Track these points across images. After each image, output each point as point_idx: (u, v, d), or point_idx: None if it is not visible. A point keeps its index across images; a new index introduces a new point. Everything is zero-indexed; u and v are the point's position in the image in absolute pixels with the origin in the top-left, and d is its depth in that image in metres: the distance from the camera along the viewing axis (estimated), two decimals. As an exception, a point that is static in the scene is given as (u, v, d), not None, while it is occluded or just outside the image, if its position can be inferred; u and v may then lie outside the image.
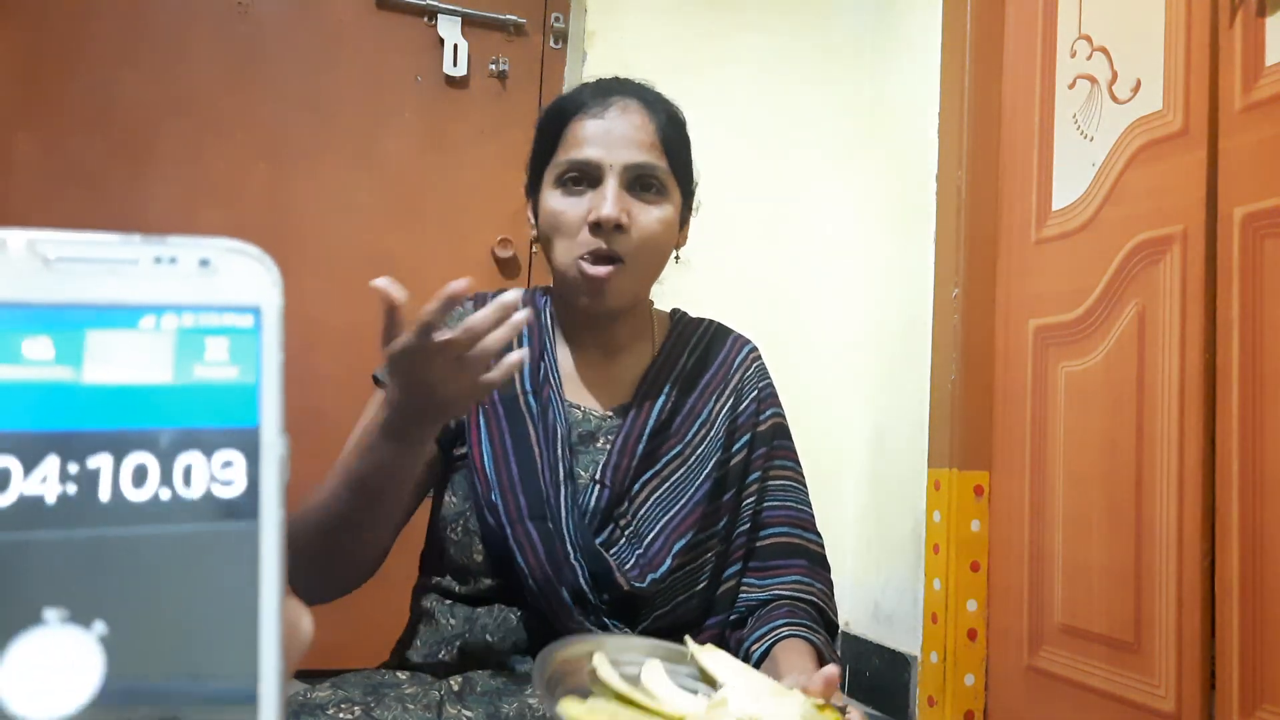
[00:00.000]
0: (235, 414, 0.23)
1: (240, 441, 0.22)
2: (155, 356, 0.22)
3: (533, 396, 0.93)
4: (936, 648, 1.90)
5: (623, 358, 0.99)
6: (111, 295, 0.22)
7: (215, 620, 0.21)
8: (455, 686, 0.81)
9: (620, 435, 0.93)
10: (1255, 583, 1.35)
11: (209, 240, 0.24)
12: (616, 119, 0.91)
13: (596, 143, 0.90)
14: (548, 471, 0.89)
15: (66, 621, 0.20)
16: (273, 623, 0.22)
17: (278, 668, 0.21)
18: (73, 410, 0.21)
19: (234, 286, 0.23)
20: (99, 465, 0.21)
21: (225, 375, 0.23)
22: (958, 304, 1.95)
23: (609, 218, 0.87)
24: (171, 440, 0.22)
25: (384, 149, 2.05)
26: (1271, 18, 1.40)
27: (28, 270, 0.22)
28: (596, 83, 0.97)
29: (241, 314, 0.23)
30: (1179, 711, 1.47)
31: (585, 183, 0.90)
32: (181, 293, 0.23)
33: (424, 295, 1.07)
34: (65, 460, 0.21)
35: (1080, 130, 1.77)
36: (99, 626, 0.20)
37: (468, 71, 2.10)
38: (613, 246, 0.89)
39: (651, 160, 0.91)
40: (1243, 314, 1.40)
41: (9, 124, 1.83)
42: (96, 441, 0.21)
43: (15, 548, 0.20)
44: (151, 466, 0.22)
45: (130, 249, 0.23)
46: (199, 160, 1.93)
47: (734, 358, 1.03)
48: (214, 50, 1.95)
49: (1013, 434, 1.86)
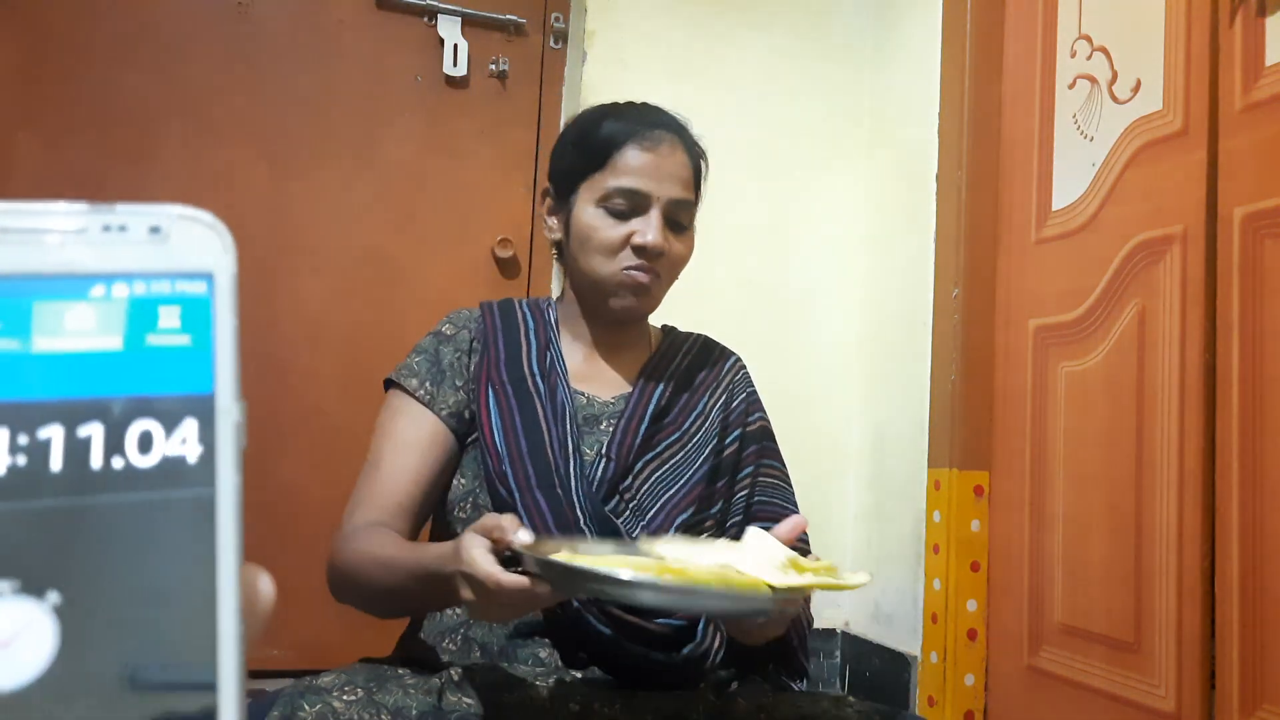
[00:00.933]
0: (189, 381, 0.22)
1: (195, 409, 0.22)
2: (106, 325, 0.22)
3: (541, 380, 0.98)
4: (936, 648, 1.90)
5: (624, 356, 1.07)
6: (60, 264, 0.22)
7: (173, 588, 0.21)
8: (456, 676, 0.82)
9: (624, 417, 0.99)
10: (1255, 583, 1.35)
11: (159, 207, 0.23)
12: (666, 156, 0.99)
13: (647, 175, 0.98)
14: (556, 445, 0.94)
15: (18, 593, 0.20)
16: (231, 588, 0.21)
17: (237, 632, 0.21)
18: (21, 381, 0.21)
19: (186, 253, 0.23)
20: (49, 435, 0.21)
21: (178, 342, 0.22)
22: (958, 304, 1.95)
23: (658, 245, 0.97)
24: (124, 409, 0.22)
25: (384, 149, 2.04)
26: (1271, 18, 1.40)
27: None
28: (636, 108, 1.04)
29: (194, 281, 0.23)
30: (1179, 711, 1.47)
31: (629, 207, 0.98)
32: (132, 260, 0.23)
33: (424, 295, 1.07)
34: (15, 431, 0.21)
35: (1080, 130, 1.77)
36: (52, 597, 0.20)
37: (468, 71, 2.10)
38: (654, 266, 0.98)
39: (688, 197, 1.01)
40: (1243, 314, 1.40)
41: (9, 124, 1.83)
42: (46, 412, 0.21)
43: None
44: (104, 435, 0.21)
45: (78, 218, 0.23)
46: (199, 160, 1.92)
47: (723, 365, 1.11)
48: (214, 50, 1.95)
49: (1013, 434, 1.86)
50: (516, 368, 0.99)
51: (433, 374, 0.99)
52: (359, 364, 1.90)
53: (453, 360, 1.00)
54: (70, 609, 0.20)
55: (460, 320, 1.05)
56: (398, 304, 1.98)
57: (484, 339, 1.02)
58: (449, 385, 0.98)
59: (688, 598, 0.66)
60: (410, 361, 1.01)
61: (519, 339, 1.02)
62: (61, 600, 0.20)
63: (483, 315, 1.05)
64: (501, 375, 0.98)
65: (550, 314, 1.07)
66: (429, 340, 1.03)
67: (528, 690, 0.82)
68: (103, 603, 0.21)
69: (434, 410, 0.97)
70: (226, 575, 0.21)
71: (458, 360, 1.00)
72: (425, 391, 0.97)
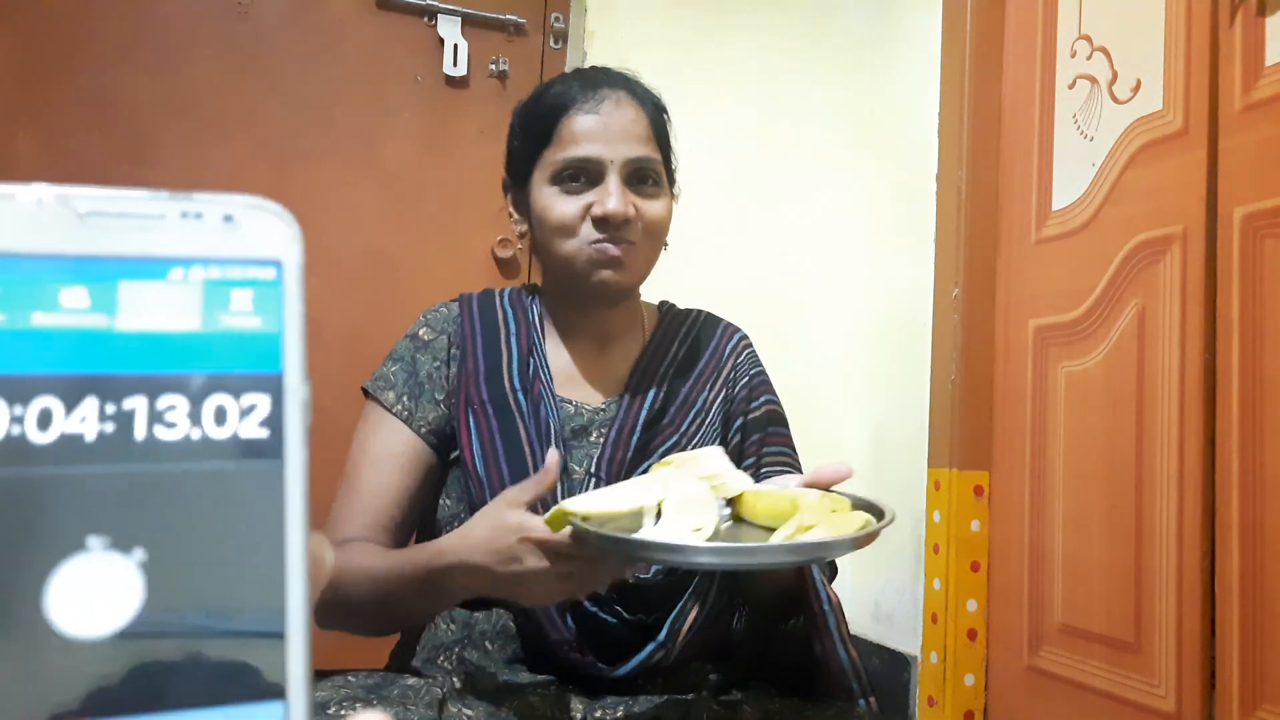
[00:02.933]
0: (260, 360, 0.24)
1: (265, 386, 0.24)
2: (184, 306, 0.24)
3: (522, 394, 0.92)
4: (936, 648, 1.90)
5: (615, 349, 0.99)
6: (142, 248, 0.24)
7: (246, 550, 0.23)
8: (458, 684, 0.81)
9: (614, 428, 0.92)
10: (1255, 583, 1.35)
11: (232, 196, 0.25)
12: (612, 113, 0.90)
13: (594, 138, 0.89)
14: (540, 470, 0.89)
15: (108, 548, 0.22)
16: (299, 553, 0.23)
17: (304, 594, 0.23)
18: (108, 355, 0.23)
19: (257, 241, 0.25)
20: (134, 406, 0.23)
21: (250, 324, 0.24)
22: (958, 304, 1.95)
23: (618, 212, 0.88)
24: (201, 384, 0.23)
25: (384, 149, 2.04)
26: (1271, 18, 1.40)
27: (62, 224, 0.23)
28: (579, 73, 0.96)
29: (264, 267, 0.25)
30: (1179, 711, 1.47)
31: (584, 179, 0.90)
32: (207, 246, 0.24)
33: (423, 295, 1.06)
34: (103, 401, 0.23)
35: (1080, 130, 1.77)
36: (138, 553, 0.22)
37: (468, 71, 2.10)
38: (624, 235, 0.89)
39: (648, 153, 0.91)
40: (1243, 314, 1.40)
41: (9, 124, 1.83)
42: (131, 384, 0.23)
43: (59, 481, 0.22)
44: (182, 408, 0.23)
45: (158, 204, 0.24)
46: (199, 160, 1.92)
47: (725, 346, 1.02)
48: (214, 50, 1.95)
49: (1013, 434, 1.86)
50: (497, 383, 0.92)
51: (410, 386, 0.93)
52: (359, 364, 1.88)
53: (431, 371, 0.94)
54: (154, 565, 0.22)
55: (438, 323, 0.98)
56: (397, 304, 1.98)
57: (462, 345, 0.95)
58: (428, 399, 0.93)
59: (748, 557, 0.64)
60: (386, 371, 0.95)
61: (499, 346, 0.95)
62: (147, 556, 0.22)
63: (461, 315, 0.98)
64: (481, 394, 0.91)
65: (534, 309, 1.00)
66: (405, 346, 0.97)
67: (528, 699, 0.81)
68: (183, 560, 0.22)
69: (412, 427, 0.92)
70: (294, 540, 0.23)
71: (436, 371, 0.94)
72: (403, 407, 0.92)
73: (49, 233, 0.23)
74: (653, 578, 0.87)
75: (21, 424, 0.22)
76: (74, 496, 0.22)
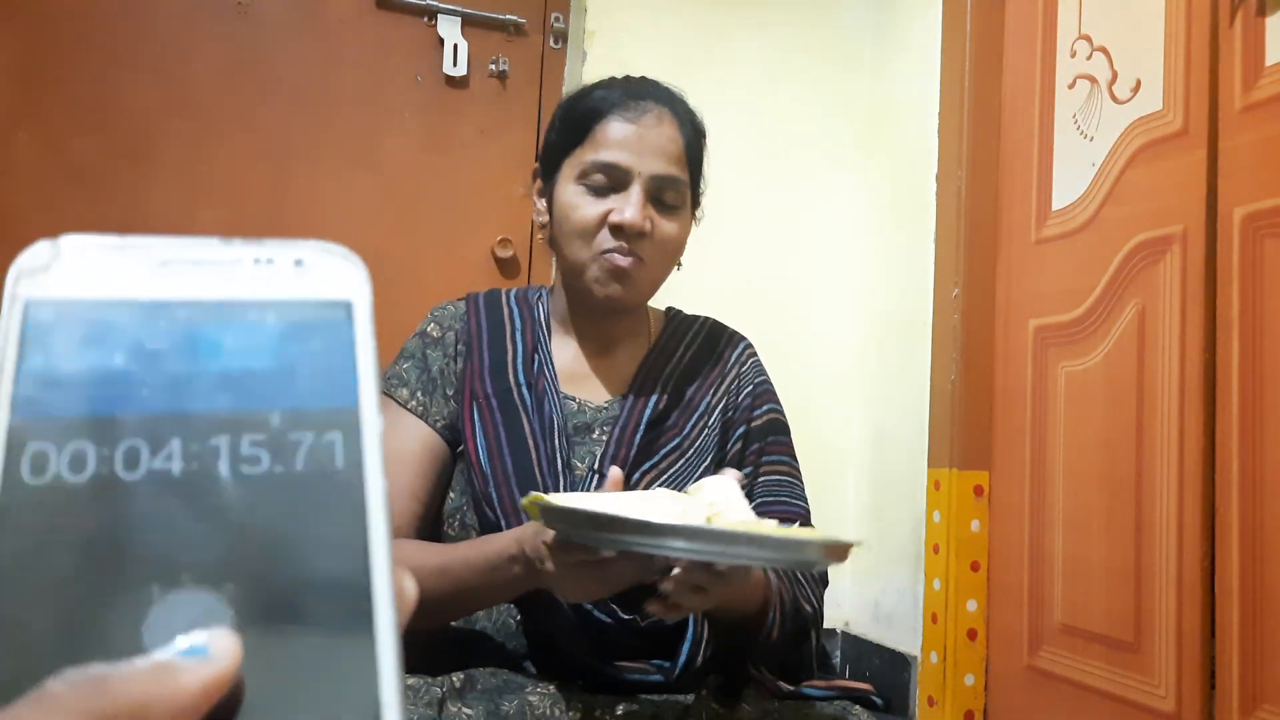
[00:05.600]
0: (336, 395, 0.25)
1: (342, 420, 0.24)
2: (262, 346, 0.25)
3: (527, 389, 0.92)
4: (936, 648, 1.90)
5: (619, 351, 0.99)
6: (221, 292, 0.25)
7: (333, 581, 0.23)
8: (457, 683, 0.81)
9: (617, 426, 0.92)
10: (1255, 583, 1.35)
11: (301, 242, 0.26)
12: (651, 127, 0.91)
13: (628, 148, 0.90)
14: (544, 463, 0.88)
15: (199, 582, 0.22)
16: (385, 582, 0.23)
17: (393, 625, 0.23)
18: (192, 395, 0.24)
19: (326, 283, 0.26)
20: (218, 443, 0.24)
21: (325, 362, 0.25)
22: (958, 304, 1.95)
23: (635, 223, 0.88)
24: (281, 421, 0.24)
25: (384, 149, 2.04)
26: (1271, 18, 1.40)
27: (146, 271, 0.25)
28: (627, 81, 0.96)
29: (335, 307, 0.26)
30: (1179, 711, 1.47)
31: (609, 184, 0.90)
32: (281, 290, 0.25)
33: (423, 295, 1.06)
34: (187, 440, 0.23)
35: (1080, 130, 1.77)
36: (228, 588, 0.23)
37: (468, 71, 2.10)
38: (635, 249, 0.90)
39: (676, 173, 0.92)
40: (1243, 314, 1.40)
41: (9, 124, 1.83)
42: (214, 423, 0.24)
43: (148, 519, 0.23)
44: (264, 444, 0.24)
45: (233, 251, 0.25)
46: (199, 160, 1.92)
47: (730, 354, 1.02)
48: (214, 50, 1.95)
49: (1013, 434, 1.86)
50: (501, 378, 0.92)
51: (423, 383, 0.94)
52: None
53: (442, 367, 0.95)
54: (243, 599, 0.23)
55: (445, 320, 0.99)
56: (397, 304, 1.97)
57: (468, 342, 0.96)
58: (440, 395, 0.93)
59: (727, 545, 0.62)
60: (398, 369, 0.96)
61: (504, 343, 0.96)
62: (236, 591, 0.23)
63: (468, 313, 0.99)
64: (486, 388, 0.92)
65: (540, 309, 1.00)
66: (415, 343, 0.98)
67: (528, 698, 0.81)
68: (271, 594, 0.23)
69: (428, 422, 0.92)
70: (380, 570, 0.23)
71: (446, 367, 0.95)
72: (418, 403, 0.93)
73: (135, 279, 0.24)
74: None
75: (111, 464, 0.22)
76: (163, 534, 0.22)
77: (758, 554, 0.64)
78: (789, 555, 0.67)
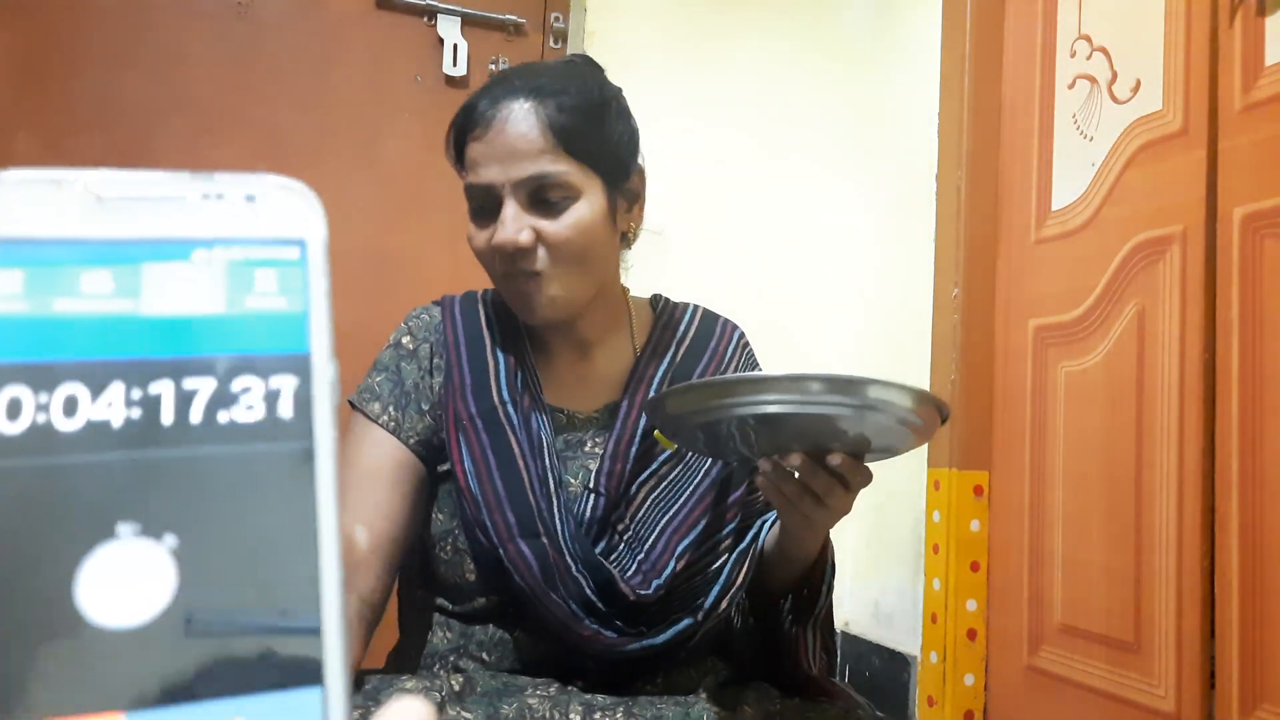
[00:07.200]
0: (286, 341, 0.24)
1: (292, 367, 0.23)
2: (208, 288, 0.23)
3: (512, 407, 0.88)
4: (936, 648, 1.90)
5: (600, 353, 0.95)
6: (164, 230, 0.23)
7: (277, 532, 0.22)
8: (456, 686, 0.81)
9: (612, 438, 0.89)
10: (1255, 583, 1.35)
11: (253, 176, 0.24)
12: (503, 131, 0.82)
13: (488, 161, 0.83)
14: (536, 484, 0.84)
15: (139, 535, 0.21)
16: (331, 533, 0.23)
17: (338, 576, 0.23)
18: (133, 339, 0.23)
19: (279, 221, 0.24)
20: (160, 391, 0.22)
21: (275, 305, 0.24)
22: (958, 304, 1.95)
23: (505, 243, 0.83)
24: (227, 367, 0.23)
25: (384, 149, 2.04)
26: (1271, 18, 1.40)
27: (84, 208, 0.23)
28: (487, 86, 0.88)
29: (288, 246, 0.24)
30: (1179, 711, 1.47)
31: (487, 206, 0.85)
32: (230, 227, 0.24)
33: (423, 295, 1.06)
34: (129, 386, 0.22)
35: (1080, 130, 1.77)
36: (169, 539, 0.22)
37: (468, 71, 2.10)
38: (524, 266, 0.84)
39: (543, 168, 0.82)
40: (1243, 314, 1.40)
41: (9, 124, 1.83)
42: (157, 369, 0.23)
43: (87, 468, 0.22)
44: (209, 391, 0.23)
45: (179, 186, 0.24)
46: (199, 160, 1.92)
47: (725, 348, 0.99)
48: (214, 50, 1.95)
49: (1013, 434, 1.86)
50: (485, 397, 0.87)
51: (396, 397, 0.90)
52: (358, 363, 1.88)
53: (416, 381, 0.91)
54: (185, 550, 0.22)
55: (420, 330, 0.94)
56: (397, 304, 1.97)
57: (445, 355, 0.91)
58: (414, 409, 0.90)
59: (846, 390, 0.65)
60: (371, 382, 0.92)
61: (485, 356, 0.91)
62: (178, 543, 0.22)
63: (443, 322, 0.94)
64: (470, 408, 0.87)
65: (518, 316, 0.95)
66: (389, 355, 0.94)
67: (527, 700, 0.80)
68: (214, 546, 0.22)
69: (400, 438, 0.89)
70: (327, 521, 0.23)
71: (422, 381, 0.91)
72: (390, 418, 0.89)
73: (69, 217, 0.23)
74: (653, 592, 0.86)
75: (47, 412, 0.22)
76: (102, 484, 0.22)
77: (900, 400, 0.68)
78: (928, 402, 0.70)
